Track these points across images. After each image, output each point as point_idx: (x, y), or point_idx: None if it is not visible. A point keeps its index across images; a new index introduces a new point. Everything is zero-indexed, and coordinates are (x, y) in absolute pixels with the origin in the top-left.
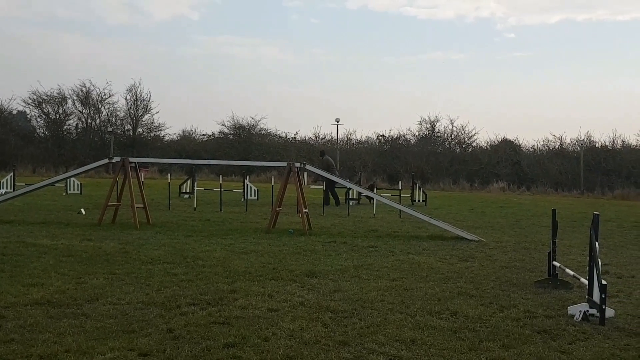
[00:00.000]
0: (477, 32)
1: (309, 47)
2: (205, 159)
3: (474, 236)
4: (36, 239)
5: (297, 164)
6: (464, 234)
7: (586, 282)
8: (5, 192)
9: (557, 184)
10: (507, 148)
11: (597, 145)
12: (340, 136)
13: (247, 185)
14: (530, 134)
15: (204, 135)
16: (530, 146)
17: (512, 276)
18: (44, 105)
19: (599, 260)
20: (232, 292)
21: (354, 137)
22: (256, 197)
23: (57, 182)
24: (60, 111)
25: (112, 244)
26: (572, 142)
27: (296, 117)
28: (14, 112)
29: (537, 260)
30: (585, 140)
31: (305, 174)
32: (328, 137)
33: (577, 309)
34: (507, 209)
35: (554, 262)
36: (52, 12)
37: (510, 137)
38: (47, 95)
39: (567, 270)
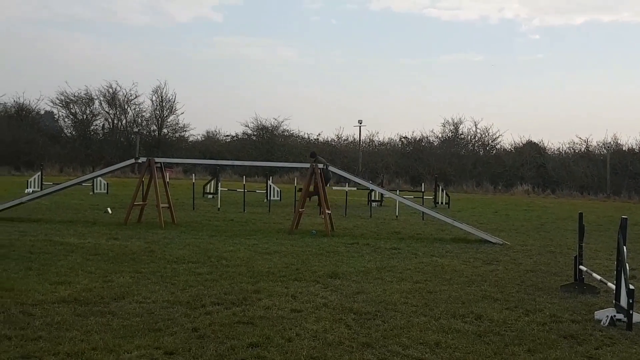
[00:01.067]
0: (500, 34)
1: (330, 49)
2: (229, 160)
3: (498, 239)
4: (63, 237)
5: (320, 165)
6: (487, 236)
7: (613, 286)
8: (33, 191)
9: (582, 187)
10: (531, 150)
11: (624, 148)
12: (362, 138)
13: (270, 186)
14: (556, 137)
15: (227, 136)
16: (556, 149)
17: (537, 280)
18: (71, 106)
19: (627, 264)
20: (255, 292)
21: (377, 139)
22: (279, 198)
23: (84, 181)
24: (88, 111)
25: (138, 243)
26: (598, 144)
27: (319, 119)
28: (42, 112)
29: (562, 264)
30: (612, 142)
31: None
32: (350, 139)
33: (604, 314)
34: (532, 212)
35: (581, 266)
36: (76, 15)
37: (535, 139)
38: (74, 96)
39: (594, 274)
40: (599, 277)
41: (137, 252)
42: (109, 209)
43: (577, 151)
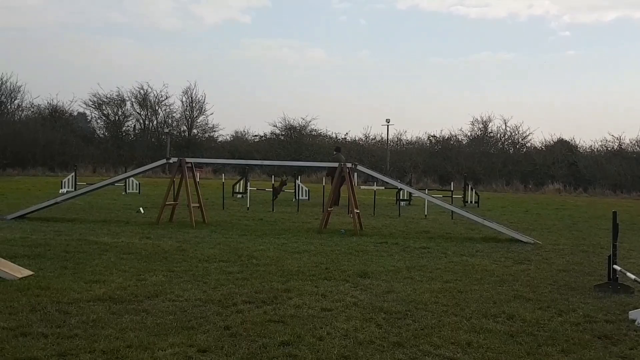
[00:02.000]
0: (530, 31)
1: (357, 49)
2: (257, 159)
3: (530, 238)
4: (98, 236)
5: (349, 165)
6: (519, 236)
7: None
8: (67, 191)
9: (615, 186)
10: (562, 148)
11: None
12: (390, 137)
13: (299, 185)
14: (587, 134)
15: (256, 136)
16: (588, 147)
17: (570, 280)
18: (103, 107)
19: None
20: (286, 291)
21: (404, 138)
22: (307, 198)
23: (116, 181)
24: (119, 113)
25: (170, 242)
26: (631, 142)
27: (346, 118)
28: (75, 114)
29: (595, 263)
30: None
31: (356, 174)
32: (378, 138)
33: (639, 314)
34: (564, 211)
35: (615, 266)
36: (108, 18)
37: (566, 137)
38: (106, 98)
39: (628, 273)
40: (633, 277)
41: (169, 251)
42: (141, 209)
43: (609, 149)
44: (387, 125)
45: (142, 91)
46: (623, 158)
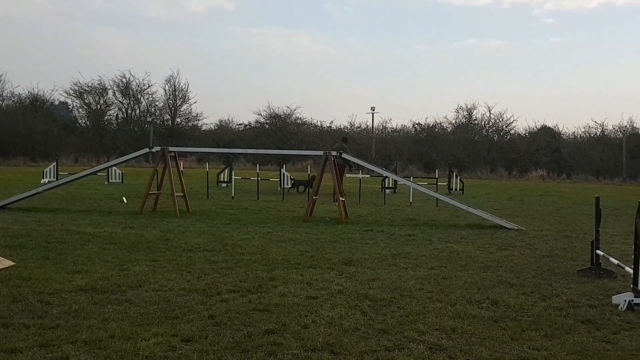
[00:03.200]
0: (513, 18)
1: (342, 36)
2: (242, 148)
3: (514, 225)
4: (80, 226)
5: (334, 153)
6: (503, 222)
7: (631, 271)
8: (48, 181)
9: (598, 172)
10: (546, 135)
11: None
12: (375, 125)
13: (284, 174)
14: (571, 121)
15: (240, 124)
16: (571, 133)
17: (553, 265)
18: (85, 96)
19: None
20: (271, 280)
21: (390, 126)
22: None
23: (99, 171)
24: (101, 102)
25: (154, 232)
26: (614, 128)
27: (331, 106)
28: (56, 103)
29: (579, 249)
30: (627, 126)
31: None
32: (363, 126)
33: (622, 298)
34: (547, 197)
35: (598, 251)
36: (91, 6)
37: (549, 124)
38: (88, 86)
39: (612, 258)
40: (616, 262)
41: (152, 241)
42: (124, 198)
43: (592, 135)
44: (372, 113)
45: (124, 79)
46: (606, 144)
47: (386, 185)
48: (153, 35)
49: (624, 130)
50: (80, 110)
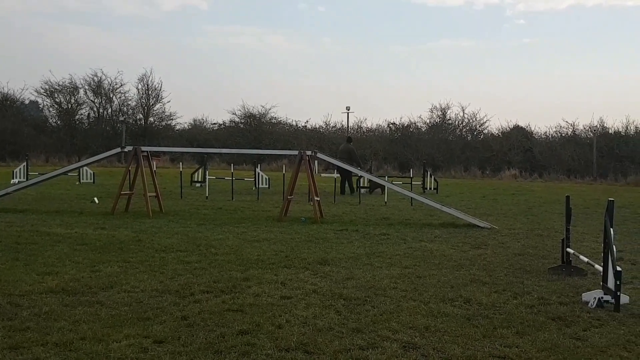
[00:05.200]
0: (486, 19)
1: (317, 36)
2: (216, 148)
3: (486, 223)
4: (50, 227)
5: (309, 152)
6: (476, 221)
7: (600, 268)
8: (18, 181)
9: (569, 171)
10: (518, 135)
11: (610, 131)
12: (350, 124)
13: (259, 173)
14: (543, 121)
15: (214, 124)
16: (543, 133)
17: (525, 263)
18: (56, 95)
19: (614, 246)
20: (245, 280)
21: (365, 125)
22: (267, 186)
23: (70, 171)
24: (72, 101)
25: (126, 233)
26: (585, 128)
27: (306, 106)
28: (26, 102)
29: (550, 247)
30: (598, 126)
31: (316, 162)
32: (339, 126)
33: (592, 296)
34: (519, 196)
35: (568, 249)
36: (62, 3)
37: (522, 123)
38: (59, 85)
39: (582, 257)
40: (586, 260)
41: (124, 242)
42: (95, 199)
43: (563, 135)
44: (347, 113)
45: (95, 78)
46: (577, 144)
47: (361, 185)
48: (126, 34)
49: (595, 130)
50: (51, 109)
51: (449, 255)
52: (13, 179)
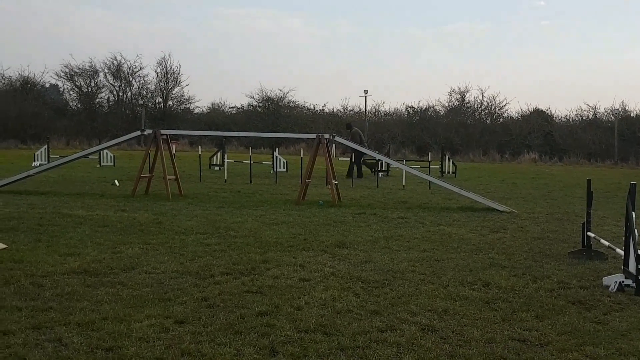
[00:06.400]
0: (505, 1)
1: (335, 18)
2: (234, 131)
3: (505, 207)
4: (72, 209)
5: (327, 136)
6: (495, 205)
7: (622, 252)
8: (40, 164)
9: (590, 155)
10: (538, 118)
11: (632, 114)
12: (368, 108)
13: (277, 157)
14: (563, 104)
15: (232, 107)
16: (563, 116)
17: (545, 247)
18: (76, 79)
19: (635, 230)
20: (264, 262)
21: (382, 109)
22: (285, 169)
23: (90, 154)
24: (92, 84)
25: (146, 215)
26: (606, 111)
27: (324, 89)
28: (47, 85)
29: (570, 231)
30: (619, 109)
31: (334, 145)
32: (356, 109)
33: (612, 280)
34: (539, 180)
35: (589, 233)
36: None
37: (542, 107)
38: (79, 69)
39: (602, 240)
40: (607, 243)
41: (145, 224)
42: (116, 181)
43: (584, 118)
44: (365, 97)
45: (115, 62)
46: (598, 127)
47: (379, 169)
48: (144, 17)
49: (616, 113)
50: (71, 93)
51: (468, 238)
52: (34, 161)
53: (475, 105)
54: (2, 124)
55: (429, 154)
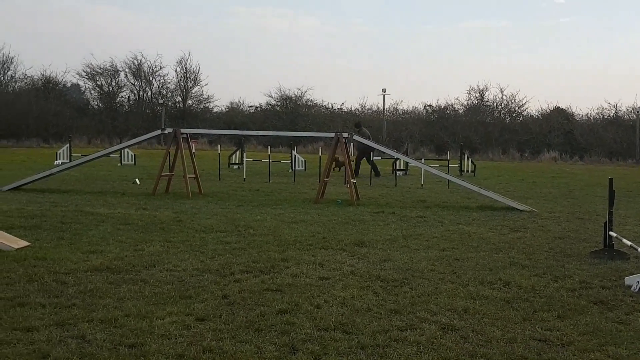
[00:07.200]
0: None
1: (352, 17)
2: (253, 130)
3: (526, 206)
4: (94, 207)
5: (345, 135)
6: (514, 204)
7: None
8: (62, 162)
9: (611, 153)
10: (559, 117)
11: None
12: (386, 106)
13: (295, 156)
14: (584, 102)
15: (251, 106)
16: (584, 114)
17: (566, 247)
18: (97, 78)
19: None
20: (283, 261)
21: (401, 108)
22: (303, 168)
23: (111, 153)
24: (113, 83)
25: (167, 213)
26: (627, 109)
27: (342, 88)
28: (68, 85)
29: (591, 230)
30: None
31: (352, 144)
32: (374, 108)
33: (635, 280)
34: (560, 179)
35: (611, 232)
36: None
37: (562, 105)
38: (100, 68)
39: (624, 240)
40: (629, 243)
41: (166, 222)
42: (137, 180)
43: (605, 117)
44: (383, 95)
45: (135, 61)
46: (619, 126)
47: (397, 167)
48: (164, 17)
49: (638, 112)
50: (92, 92)
51: (487, 238)
52: (57, 160)
53: (495, 104)
54: (25, 123)
55: (448, 152)
